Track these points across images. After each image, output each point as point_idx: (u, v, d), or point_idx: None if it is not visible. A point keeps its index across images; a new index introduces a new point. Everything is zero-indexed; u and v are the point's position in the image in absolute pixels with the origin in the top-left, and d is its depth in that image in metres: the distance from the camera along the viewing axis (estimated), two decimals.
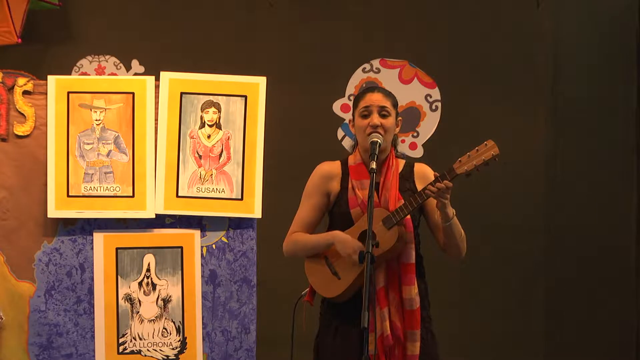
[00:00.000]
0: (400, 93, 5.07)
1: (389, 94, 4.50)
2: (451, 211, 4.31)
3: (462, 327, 6.43)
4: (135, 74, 6.49)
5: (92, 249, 4.86)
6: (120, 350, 4.83)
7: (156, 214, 4.87)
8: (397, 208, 4.31)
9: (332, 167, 4.53)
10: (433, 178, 4.27)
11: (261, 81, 4.93)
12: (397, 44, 6.66)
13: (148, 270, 4.87)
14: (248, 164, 4.91)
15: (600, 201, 6.71)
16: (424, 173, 4.47)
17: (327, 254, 4.43)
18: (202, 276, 4.89)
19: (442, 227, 4.34)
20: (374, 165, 4.27)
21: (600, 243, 6.68)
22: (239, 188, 4.90)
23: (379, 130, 4.39)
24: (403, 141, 6.54)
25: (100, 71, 6.56)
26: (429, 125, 6.65)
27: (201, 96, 4.92)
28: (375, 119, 4.41)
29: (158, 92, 4.90)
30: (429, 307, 4.47)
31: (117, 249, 4.86)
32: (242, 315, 4.90)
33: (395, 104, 4.49)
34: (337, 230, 4.43)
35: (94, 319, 4.83)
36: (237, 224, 4.93)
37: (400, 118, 4.52)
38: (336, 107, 6.63)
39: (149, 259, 4.87)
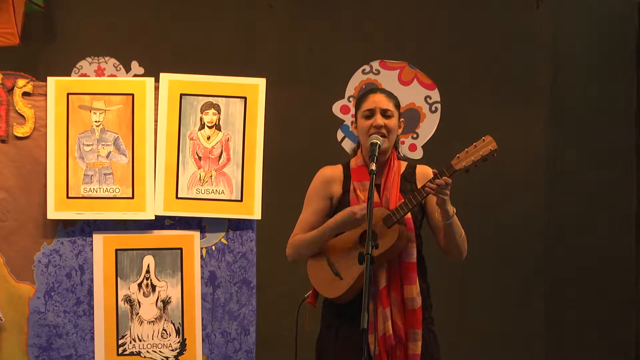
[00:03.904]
0: (400, 94, 5.03)
1: (391, 95, 4.52)
2: (451, 209, 4.32)
3: (462, 327, 6.44)
4: (135, 76, 6.50)
5: (92, 250, 4.85)
6: (120, 352, 4.83)
7: (156, 216, 4.87)
8: (397, 206, 4.32)
9: (333, 171, 4.55)
10: None
11: (261, 82, 4.93)
12: (396, 46, 6.66)
13: (147, 271, 4.87)
14: (248, 166, 4.91)
15: (600, 201, 6.71)
16: (426, 174, 4.47)
17: (328, 255, 4.44)
18: (201, 277, 4.89)
19: (443, 226, 4.35)
20: (373, 166, 4.27)
21: (600, 243, 6.68)
22: (238, 189, 4.90)
23: (382, 130, 4.41)
24: (403, 142, 6.54)
25: (99, 72, 6.56)
26: (428, 126, 6.65)
27: (201, 97, 4.92)
28: (379, 119, 4.42)
29: (158, 94, 4.89)
30: (431, 307, 4.48)
31: (116, 250, 4.86)
32: (241, 317, 4.90)
33: (397, 105, 4.51)
34: (330, 219, 4.43)
35: (93, 320, 4.83)
36: (236, 226, 4.93)
37: (402, 119, 4.53)
38: (336, 108, 6.64)
39: (149, 260, 4.88)
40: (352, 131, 4.61)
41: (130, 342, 4.85)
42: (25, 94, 4.87)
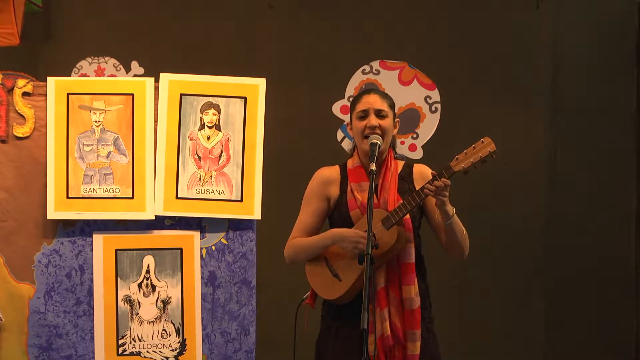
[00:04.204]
0: (400, 94, 5.06)
1: (385, 96, 4.51)
2: (451, 209, 4.32)
3: (462, 328, 6.43)
4: (135, 76, 6.50)
5: (92, 250, 4.85)
6: (120, 352, 4.83)
7: (156, 216, 4.87)
8: (396, 208, 4.32)
9: (331, 172, 4.54)
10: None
11: (261, 82, 4.93)
12: (396, 46, 6.66)
13: (147, 271, 4.87)
14: (248, 166, 4.91)
15: (600, 201, 6.71)
16: (423, 173, 4.48)
17: (327, 256, 4.44)
18: (201, 277, 4.89)
19: (443, 226, 4.35)
20: (373, 166, 4.27)
21: (600, 243, 6.68)
22: (238, 189, 4.90)
23: (377, 131, 4.40)
24: (403, 142, 6.55)
25: (99, 72, 6.57)
26: (428, 126, 6.65)
27: (201, 97, 4.92)
28: (373, 120, 4.41)
29: (157, 94, 4.90)
30: (430, 307, 4.48)
31: (116, 250, 4.86)
32: (241, 317, 4.90)
33: (392, 105, 4.49)
34: (334, 228, 4.43)
35: (93, 320, 4.83)
36: (236, 226, 4.93)
37: (397, 119, 4.53)
38: (335, 108, 6.63)
39: (149, 260, 4.88)
40: (349, 132, 4.61)
41: (130, 342, 4.85)
42: (25, 94, 4.87)
